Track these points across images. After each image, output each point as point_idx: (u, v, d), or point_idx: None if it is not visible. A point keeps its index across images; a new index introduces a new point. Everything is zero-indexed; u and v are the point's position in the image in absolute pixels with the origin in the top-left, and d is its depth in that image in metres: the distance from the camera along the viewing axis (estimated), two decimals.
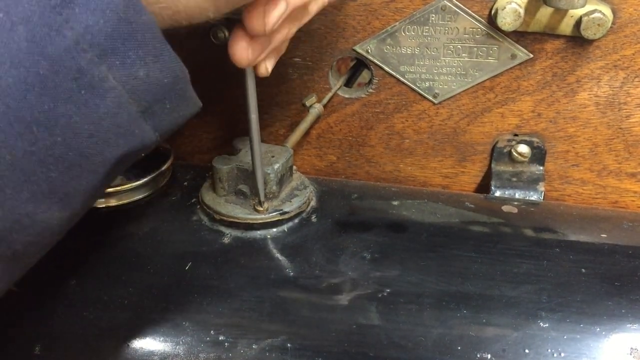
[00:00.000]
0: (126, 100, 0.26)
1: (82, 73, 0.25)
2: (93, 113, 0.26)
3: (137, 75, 0.27)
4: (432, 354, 0.35)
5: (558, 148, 0.49)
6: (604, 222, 0.44)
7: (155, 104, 0.28)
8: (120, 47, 0.26)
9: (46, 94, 0.24)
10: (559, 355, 0.34)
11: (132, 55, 0.26)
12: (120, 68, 0.26)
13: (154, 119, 0.28)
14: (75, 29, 0.24)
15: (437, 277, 0.38)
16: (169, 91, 0.28)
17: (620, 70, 0.45)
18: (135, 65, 0.26)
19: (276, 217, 0.42)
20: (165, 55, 0.27)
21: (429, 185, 0.52)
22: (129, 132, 0.27)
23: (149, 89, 0.27)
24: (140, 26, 0.26)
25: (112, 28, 0.25)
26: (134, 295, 0.38)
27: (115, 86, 0.26)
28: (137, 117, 0.27)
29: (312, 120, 0.49)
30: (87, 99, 0.25)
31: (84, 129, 0.26)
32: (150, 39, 0.27)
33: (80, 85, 0.25)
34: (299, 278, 0.38)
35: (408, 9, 0.46)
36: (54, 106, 0.25)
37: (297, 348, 0.36)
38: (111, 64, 0.26)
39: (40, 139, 0.25)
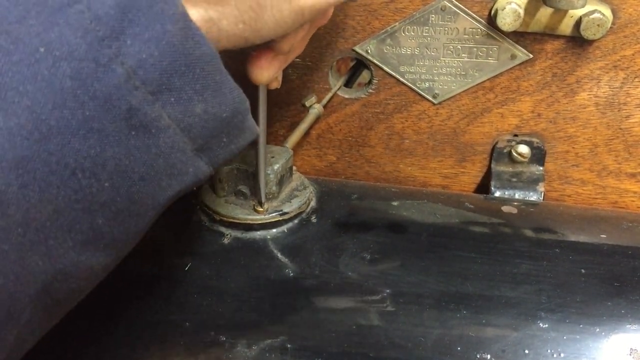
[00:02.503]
0: (181, 140, 0.24)
1: (133, 113, 0.22)
2: (144, 155, 0.23)
3: (194, 112, 0.24)
4: (431, 354, 0.35)
5: (558, 148, 0.49)
6: (603, 223, 0.44)
7: (212, 139, 0.26)
8: (177, 82, 0.23)
9: (92, 137, 0.22)
10: (559, 355, 0.34)
11: (189, 90, 0.24)
12: (176, 105, 0.24)
13: (209, 155, 0.26)
14: (126, 63, 0.22)
15: (437, 278, 0.38)
16: (227, 125, 0.26)
17: (620, 70, 0.45)
18: (192, 101, 0.24)
19: (276, 218, 0.42)
20: (225, 88, 0.25)
21: (429, 185, 0.52)
22: (183, 171, 0.25)
23: (207, 126, 0.25)
24: (200, 58, 0.24)
25: (168, 61, 0.23)
26: (134, 296, 0.38)
27: (169, 125, 0.24)
28: (192, 156, 0.25)
29: (312, 120, 0.49)
30: (138, 140, 0.23)
31: (134, 173, 0.24)
32: (210, 71, 0.24)
33: (130, 126, 0.23)
34: (298, 278, 0.38)
35: (408, 10, 0.46)
36: (101, 150, 0.22)
37: (297, 348, 0.36)
38: (165, 101, 0.23)
39: (85, 186, 0.22)
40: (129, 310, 0.38)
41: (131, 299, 0.38)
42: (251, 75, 0.33)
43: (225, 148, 0.27)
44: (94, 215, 0.23)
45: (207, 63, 0.24)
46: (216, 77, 0.25)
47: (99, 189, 0.23)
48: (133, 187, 0.24)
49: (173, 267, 0.39)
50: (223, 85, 0.25)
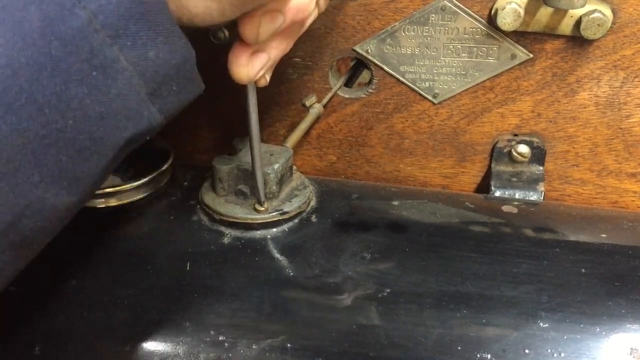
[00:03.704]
0: (136, 82, 0.26)
1: (94, 54, 0.24)
2: (104, 95, 0.25)
3: (148, 56, 0.26)
4: (432, 354, 0.35)
5: (558, 148, 0.49)
6: (603, 222, 0.44)
7: (163, 85, 0.28)
8: (132, 27, 0.25)
9: (58, 75, 0.24)
10: (559, 355, 0.34)
11: (144, 35, 0.26)
12: (132, 49, 0.26)
13: (160, 101, 0.28)
14: (88, 8, 0.24)
15: (437, 277, 0.38)
16: (176, 72, 0.28)
17: (620, 70, 0.45)
18: (146, 46, 0.26)
19: (276, 217, 0.42)
20: (175, 36, 0.27)
21: (429, 185, 0.52)
22: (138, 114, 0.27)
23: (159, 70, 0.27)
24: (152, 6, 0.26)
25: (124, 8, 0.25)
26: (134, 295, 0.38)
27: (126, 67, 0.26)
28: (146, 99, 0.27)
29: (312, 120, 0.49)
30: (98, 80, 0.25)
31: (94, 112, 0.25)
32: (161, 19, 0.26)
33: (92, 66, 0.25)
34: (299, 278, 0.38)
35: (408, 9, 0.46)
36: (65, 88, 0.24)
37: (297, 348, 0.36)
38: (123, 44, 0.25)
39: (52, 122, 0.24)
40: (128, 309, 0.38)
41: (131, 298, 0.38)
42: (231, 71, 0.34)
43: (175, 96, 0.29)
44: (59, 151, 0.25)
45: (159, 12, 0.26)
46: (167, 25, 0.27)
47: (64, 126, 0.25)
48: (94, 125, 0.26)
49: (173, 266, 0.39)
50: (173, 33, 0.27)
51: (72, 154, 0.26)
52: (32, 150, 0.24)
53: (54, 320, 0.38)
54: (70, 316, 0.38)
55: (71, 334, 0.37)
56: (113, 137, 0.27)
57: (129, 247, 0.41)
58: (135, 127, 0.27)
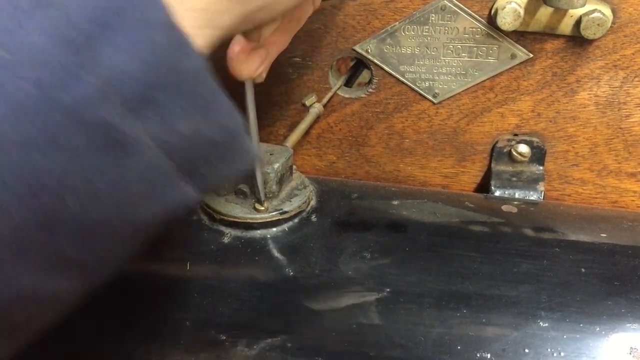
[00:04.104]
0: (163, 162, 0.21)
1: (106, 130, 0.20)
2: (118, 177, 0.21)
3: (180, 132, 0.21)
4: (432, 353, 0.35)
5: (558, 148, 0.49)
6: (603, 222, 0.44)
7: (200, 162, 0.23)
8: (160, 98, 0.20)
9: (56, 153, 0.19)
10: (559, 354, 0.34)
11: (175, 107, 0.21)
12: (159, 124, 0.20)
13: (197, 179, 0.23)
14: (101, 74, 0.19)
15: (437, 277, 0.38)
16: (218, 148, 0.23)
17: (620, 70, 0.45)
18: (177, 121, 0.21)
19: (276, 217, 0.42)
20: (216, 106, 0.22)
21: (429, 185, 0.52)
22: (164, 194, 0.22)
23: (194, 148, 0.22)
24: (188, 71, 0.21)
25: (151, 75, 0.20)
26: (133, 295, 0.38)
27: (150, 146, 0.20)
28: (177, 180, 0.22)
29: (312, 120, 0.49)
30: (111, 160, 0.20)
31: (105, 195, 0.21)
32: (198, 87, 0.21)
33: (103, 144, 0.20)
34: (299, 278, 0.38)
35: (408, 9, 0.46)
36: (65, 168, 0.20)
37: (297, 347, 0.36)
38: (146, 119, 0.20)
39: (47, 206, 0.20)
40: (128, 310, 0.38)
41: (131, 298, 0.38)
42: (232, 69, 0.33)
43: (217, 172, 0.24)
44: (55, 237, 0.21)
45: (195, 77, 0.21)
46: (206, 92, 0.22)
47: (63, 210, 0.20)
48: (104, 209, 0.21)
49: (173, 266, 0.39)
50: (214, 101, 0.22)
51: (74, 239, 0.21)
52: (22, 238, 0.20)
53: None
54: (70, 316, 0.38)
55: (71, 334, 0.37)
56: (131, 221, 0.22)
57: None
58: (161, 210, 0.23)
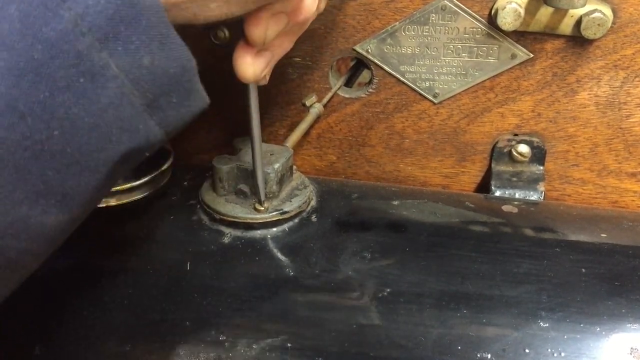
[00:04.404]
0: (130, 91, 0.24)
1: (81, 59, 0.23)
2: (93, 104, 0.23)
3: (142, 64, 0.24)
4: (432, 353, 0.35)
5: (558, 148, 0.49)
6: (604, 222, 0.44)
7: (161, 96, 0.25)
8: (123, 31, 0.23)
9: (42, 81, 0.22)
10: (559, 355, 0.34)
11: (136, 40, 0.24)
12: (123, 54, 0.23)
13: (159, 114, 0.26)
14: (73, 9, 0.22)
15: (437, 277, 0.38)
16: (175, 83, 0.26)
17: (621, 70, 0.45)
18: (139, 52, 0.24)
19: (276, 217, 0.42)
20: (172, 42, 0.25)
21: (429, 185, 0.52)
22: (133, 127, 0.25)
23: (155, 79, 0.25)
24: (145, 8, 0.24)
25: (114, 9, 0.23)
26: (134, 296, 0.38)
27: (117, 75, 0.23)
28: (142, 111, 0.25)
29: (312, 120, 0.49)
30: (86, 88, 0.23)
31: (83, 122, 0.23)
32: (156, 23, 0.24)
33: (79, 72, 0.23)
34: (299, 278, 0.38)
35: (408, 9, 0.46)
36: (50, 95, 0.22)
37: (297, 348, 0.36)
38: (113, 49, 0.23)
39: (35, 132, 0.22)
40: (128, 309, 0.38)
41: (131, 298, 0.38)
42: (237, 71, 0.33)
43: (176, 110, 0.26)
44: (43, 164, 0.23)
45: (153, 14, 0.24)
46: (162, 29, 0.24)
47: (49, 136, 0.23)
48: (83, 137, 0.24)
49: (173, 266, 0.39)
50: (169, 38, 0.25)
51: (59, 168, 0.23)
52: (13, 164, 0.22)
53: (54, 320, 0.38)
54: (70, 316, 0.38)
55: (71, 334, 0.37)
56: (105, 152, 0.25)
57: (128, 247, 0.41)
58: (130, 141, 0.25)
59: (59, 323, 0.38)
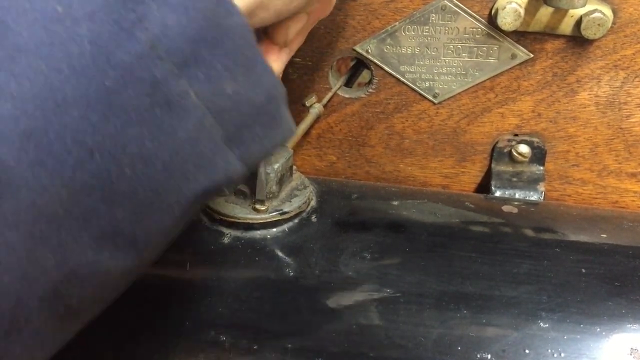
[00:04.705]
0: (210, 124, 0.22)
1: (157, 87, 0.20)
2: (170, 139, 0.21)
3: (224, 92, 0.22)
4: (432, 354, 0.35)
5: (558, 148, 0.49)
6: (604, 222, 0.44)
7: (244, 128, 0.23)
8: (206, 55, 0.21)
9: (113, 113, 0.19)
10: (559, 355, 0.34)
11: (219, 66, 0.21)
12: (204, 82, 0.21)
13: (241, 148, 0.23)
14: (150, 30, 0.20)
15: (437, 277, 0.38)
16: (260, 113, 0.23)
17: (621, 70, 0.45)
18: (222, 79, 0.21)
19: (276, 217, 0.42)
20: (258, 67, 0.23)
21: (429, 185, 0.52)
22: (212, 163, 0.22)
23: (238, 110, 0.22)
24: (231, 29, 0.21)
25: (196, 30, 0.20)
26: (134, 296, 0.38)
27: (197, 105, 0.21)
28: (222, 145, 0.22)
29: (312, 120, 0.49)
30: (163, 120, 0.20)
31: (157, 159, 0.21)
32: (241, 45, 0.22)
33: (155, 102, 0.20)
34: (299, 278, 0.38)
35: (408, 9, 0.46)
36: (121, 128, 0.20)
37: (297, 348, 0.35)
38: (193, 76, 0.21)
39: (104, 171, 0.20)
40: (128, 310, 0.38)
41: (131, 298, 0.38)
42: None
43: (259, 142, 0.24)
44: (113, 206, 0.21)
45: (239, 36, 0.21)
46: (248, 52, 0.22)
47: (119, 175, 0.20)
48: (157, 175, 0.21)
49: (173, 267, 0.39)
50: (256, 63, 0.23)
51: (129, 209, 0.21)
52: (80, 205, 0.20)
53: None
54: None
55: None
56: (181, 191, 0.22)
57: None
58: (208, 178, 0.23)
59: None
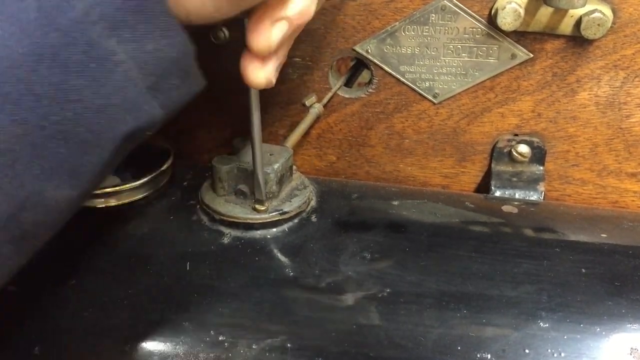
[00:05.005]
0: (135, 75, 0.26)
1: (92, 45, 0.25)
2: (102, 87, 0.26)
3: (146, 49, 0.26)
4: (432, 354, 0.35)
5: (558, 148, 0.49)
6: (604, 222, 0.44)
7: (162, 79, 0.28)
8: (130, 20, 0.26)
9: (57, 67, 0.24)
10: (559, 355, 0.34)
11: (142, 28, 0.26)
12: (130, 41, 0.26)
13: (160, 96, 0.28)
14: (84, 0, 0.24)
15: (437, 277, 0.38)
16: (175, 67, 0.28)
17: (621, 70, 0.45)
18: (144, 39, 0.26)
19: (276, 217, 0.42)
20: (173, 30, 0.27)
21: (429, 185, 0.52)
22: (137, 107, 0.27)
23: (157, 64, 0.27)
24: (151, 2, 0.26)
25: (121, 1, 0.25)
26: (133, 295, 0.38)
27: (124, 60, 0.26)
28: (145, 93, 0.27)
29: (312, 120, 0.49)
30: (97, 72, 0.25)
31: (93, 104, 0.26)
32: (159, 12, 0.27)
33: (90, 58, 0.25)
34: (298, 278, 0.38)
35: (408, 9, 0.46)
36: (64, 79, 0.25)
37: (297, 348, 0.35)
38: (120, 36, 0.26)
39: (50, 113, 0.25)
40: (128, 309, 0.38)
41: (131, 298, 0.38)
42: (247, 78, 0.34)
43: (175, 91, 0.29)
44: (58, 143, 0.25)
45: (156, 4, 0.26)
46: (164, 18, 0.27)
47: (63, 118, 0.25)
48: (93, 118, 0.26)
49: (173, 266, 0.39)
50: (171, 27, 0.27)
51: (71, 146, 0.26)
52: (31, 142, 0.24)
53: (54, 320, 0.38)
54: (70, 316, 0.38)
55: (71, 334, 0.37)
56: (112, 131, 0.27)
57: (128, 247, 0.41)
58: (135, 120, 0.27)
59: (59, 323, 0.38)
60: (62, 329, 0.37)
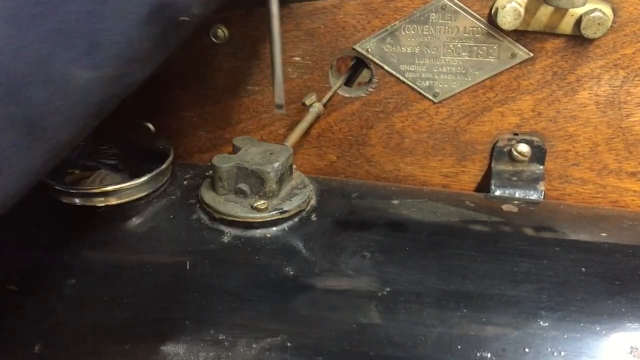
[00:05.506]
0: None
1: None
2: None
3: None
4: (432, 353, 0.35)
5: (558, 147, 0.49)
6: (604, 221, 0.44)
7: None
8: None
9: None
10: (559, 354, 0.34)
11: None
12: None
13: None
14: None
15: (437, 276, 0.38)
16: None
17: (621, 69, 0.45)
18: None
19: (276, 216, 0.42)
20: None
21: (429, 184, 0.52)
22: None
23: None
24: None
25: None
26: (134, 295, 0.38)
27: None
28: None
29: (312, 119, 0.49)
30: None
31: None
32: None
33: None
34: (298, 277, 0.38)
35: (408, 8, 0.46)
36: None
37: (297, 347, 0.35)
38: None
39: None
40: (128, 309, 0.38)
41: (131, 297, 0.38)
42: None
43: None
44: (78, 5, 0.22)
45: None
46: None
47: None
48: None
49: (173, 266, 0.39)
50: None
51: (91, 10, 0.22)
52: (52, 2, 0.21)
53: (54, 320, 0.38)
54: (70, 316, 0.38)
55: (71, 334, 0.37)
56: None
57: (128, 246, 0.41)
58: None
59: (59, 322, 0.38)
60: (62, 328, 0.37)
